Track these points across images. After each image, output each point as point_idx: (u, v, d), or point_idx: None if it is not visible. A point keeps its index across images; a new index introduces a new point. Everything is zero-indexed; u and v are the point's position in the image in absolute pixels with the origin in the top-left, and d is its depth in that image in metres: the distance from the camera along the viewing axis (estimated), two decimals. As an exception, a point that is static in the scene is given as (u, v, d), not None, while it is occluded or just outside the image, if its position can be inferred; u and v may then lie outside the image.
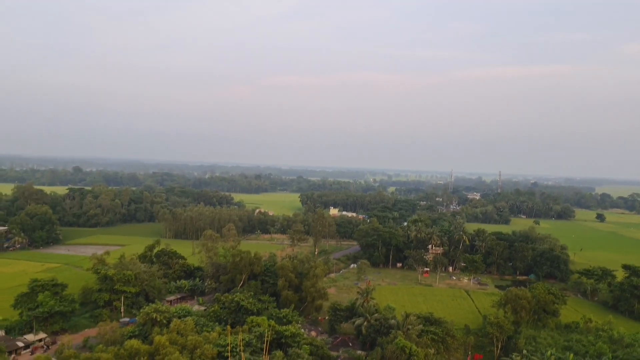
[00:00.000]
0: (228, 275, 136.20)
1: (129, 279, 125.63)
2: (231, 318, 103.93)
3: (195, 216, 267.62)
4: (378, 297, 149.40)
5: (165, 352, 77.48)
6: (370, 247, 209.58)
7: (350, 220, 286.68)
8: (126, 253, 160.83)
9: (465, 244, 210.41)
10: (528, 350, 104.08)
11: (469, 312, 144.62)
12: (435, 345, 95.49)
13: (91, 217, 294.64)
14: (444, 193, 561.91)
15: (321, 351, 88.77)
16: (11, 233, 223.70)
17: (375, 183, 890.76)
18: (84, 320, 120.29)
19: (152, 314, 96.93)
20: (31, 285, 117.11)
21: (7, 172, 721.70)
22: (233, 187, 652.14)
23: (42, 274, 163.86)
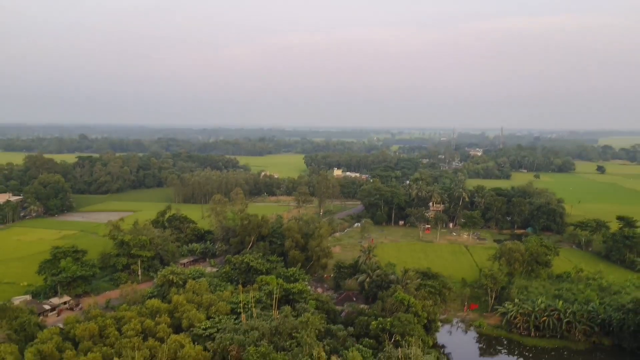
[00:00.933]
0: (237, 238, 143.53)
1: (144, 243, 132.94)
2: (242, 278, 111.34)
3: (203, 181, 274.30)
4: (381, 254, 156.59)
5: (183, 309, 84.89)
6: (373, 206, 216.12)
7: (354, 180, 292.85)
8: (139, 219, 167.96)
9: (465, 200, 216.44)
10: (520, 299, 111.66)
11: (467, 266, 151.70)
12: (433, 297, 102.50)
13: (102, 184, 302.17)
14: (446, 150, 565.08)
15: (326, 306, 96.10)
16: (26, 202, 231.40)
17: (379, 142, 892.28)
18: (104, 283, 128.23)
19: (169, 276, 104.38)
20: (53, 252, 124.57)
21: (14, 141, 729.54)
22: (238, 150, 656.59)
23: (60, 241, 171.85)
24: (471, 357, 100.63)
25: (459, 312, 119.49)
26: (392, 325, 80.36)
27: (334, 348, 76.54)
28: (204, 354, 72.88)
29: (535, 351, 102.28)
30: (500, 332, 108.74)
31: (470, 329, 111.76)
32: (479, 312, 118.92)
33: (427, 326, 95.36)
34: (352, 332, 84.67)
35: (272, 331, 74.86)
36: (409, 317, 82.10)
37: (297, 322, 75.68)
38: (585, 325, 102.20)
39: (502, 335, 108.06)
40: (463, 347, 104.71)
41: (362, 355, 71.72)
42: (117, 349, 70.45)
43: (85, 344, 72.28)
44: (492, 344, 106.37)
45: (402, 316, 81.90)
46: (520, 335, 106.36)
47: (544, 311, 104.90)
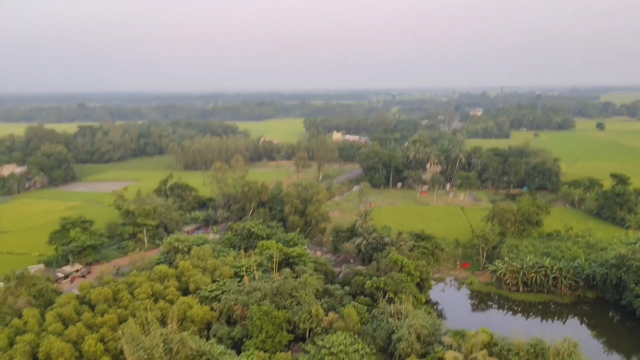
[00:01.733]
0: (238, 205, 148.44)
1: (148, 212, 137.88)
2: (244, 243, 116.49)
3: (203, 148, 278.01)
4: (378, 217, 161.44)
5: (189, 274, 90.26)
6: (371, 169, 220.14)
7: (353, 144, 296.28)
8: (142, 188, 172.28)
9: (462, 161, 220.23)
10: (510, 257, 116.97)
11: (462, 227, 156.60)
12: (425, 257, 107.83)
13: (104, 154, 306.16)
14: (446, 111, 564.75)
15: (324, 267, 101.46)
16: (31, 173, 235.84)
17: (379, 104, 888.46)
18: (112, 251, 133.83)
19: (175, 243, 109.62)
20: (62, 223, 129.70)
21: (13, 112, 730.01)
22: (237, 115, 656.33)
23: (66, 211, 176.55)
24: (463, 312, 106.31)
25: (452, 271, 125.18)
26: (386, 283, 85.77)
27: (331, 305, 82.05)
28: (211, 314, 78.52)
29: (523, 305, 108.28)
30: (490, 289, 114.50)
31: (462, 287, 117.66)
32: (471, 270, 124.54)
33: (420, 284, 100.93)
34: (348, 291, 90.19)
35: (274, 291, 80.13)
36: (401, 276, 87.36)
37: (297, 283, 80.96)
38: (570, 281, 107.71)
39: (492, 291, 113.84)
40: (455, 303, 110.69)
41: (357, 310, 77.18)
42: (131, 311, 76.01)
43: (101, 306, 77.83)
44: (483, 299, 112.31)
45: (394, 275, 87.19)
46: (509, 291, 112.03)
47: (532, 268, 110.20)
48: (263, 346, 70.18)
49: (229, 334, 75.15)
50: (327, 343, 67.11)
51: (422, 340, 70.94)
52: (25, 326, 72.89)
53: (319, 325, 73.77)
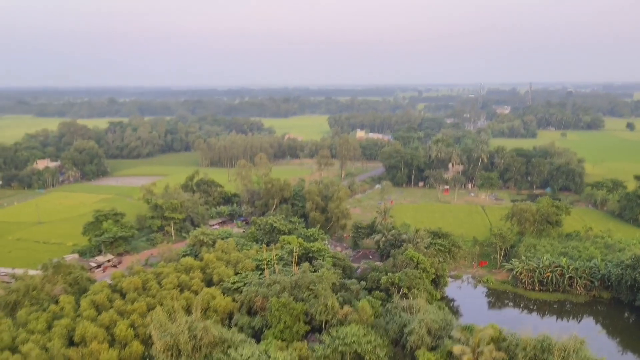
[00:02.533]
0: (262, 201, 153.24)
1: (175, 207, 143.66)
2: (266, 238, 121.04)
3: (229, 145, 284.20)
4: (399, 215, 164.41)
5: (213, 266, 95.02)
6: (393, 168, 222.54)
7: (376, 142, 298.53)
8: (169, 183, 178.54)
9: (484, 161, 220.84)
10: (527, 256, 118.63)
11: (482, 226, 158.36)
12: (442, 254, 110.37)
13: (133, 149, 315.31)
14: (471, 109, 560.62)
15: (342, 262, 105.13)
16: (64, 168, 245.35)
17: (405, 100, 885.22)
18: (142, 243, 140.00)
19: (200, 237, 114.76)
20: (95, 215, 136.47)
21: (47, 107, 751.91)
22: (262, 111, 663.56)
23: (98, 204, 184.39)
24: (478, 309, 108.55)
25: (469, 269, 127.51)
26: (400, 279, 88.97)
27: (347, 299, 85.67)
28: (233, 304, 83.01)
29: (538, 303, 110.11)
30: (506, 287, 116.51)
31: (478, 285, 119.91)
32: (488, 268, 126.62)
33: (435, 281, 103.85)
34: (364, 286, 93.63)
35: (292, 285, 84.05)
36: (415, 272, 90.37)
37: (314, 277, 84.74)
38: (586, 280, 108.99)
39: (508, 289, 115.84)
40: (471, 300, 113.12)
41: (372, 305, 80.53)
42: (159, 299, 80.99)
43: (131, 295, 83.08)
44: (498, 297, 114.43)
45: (409, 272, 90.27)
46: (525, 290, 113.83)
47: (548, 267, 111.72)
48: (281, 336, 74.17)
49: (250, 323, 79.44)
50: (342, 334, 70.76)
51: (433, 334, 73.87)
52: (61, 311, 78.52)
53: (334, 317, 77.43)
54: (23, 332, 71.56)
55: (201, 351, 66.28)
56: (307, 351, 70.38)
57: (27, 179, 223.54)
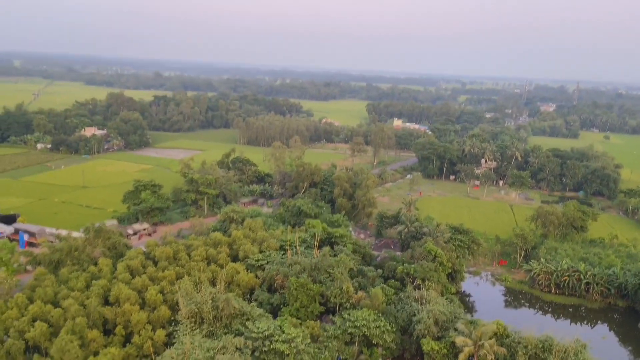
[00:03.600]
0: (292, 183, 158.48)
1: (210, 182, 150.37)
2: (293, 220, 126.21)
3: (266, 125, 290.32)
4: (426, 207, 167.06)
5: (240, 242, 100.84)
6: (425, 159, 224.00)
7: (412, 132, 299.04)
8: (206, 159, 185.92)
9: (518, 159, 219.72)
10: (546, 258, 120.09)
11: (507, 224, 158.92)
12: (461, 250, 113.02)
13: (174, 123, 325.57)
14: (514, 104, 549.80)
15: (363, 250, 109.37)
16: (110, 136, 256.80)
17: (447, 92, 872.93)
18: (176, 214, 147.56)
19: (231, 213, 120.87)
20: (135, 185, 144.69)
21: (96, 76, 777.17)
22: (303, 94, 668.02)
23: (139, 174, 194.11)
24: (493, 306, 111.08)
25: (489, 266, 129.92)
26: (415, 270, 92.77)
27: (363, 285, 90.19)
28: (254, 280, 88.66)
29: (554, 306, 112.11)
30: (522, 287, 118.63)
31: (496, 282, 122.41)
32: (507, 267, 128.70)
33: (452, 275, 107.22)
34: (381, 274, 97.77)
35: (312, 267, 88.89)
36: (430, 265, 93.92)
37: (333, 261, 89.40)
38: (602, 287, 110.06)
39: (524, 289, 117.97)
40: (486, 296, 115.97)
41: (385, 292, 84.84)
42: (187, 270, 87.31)
43: (163, 263, 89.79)
44: (514, 296, 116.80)
45: (424, 264, 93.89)
46: (541, 291, 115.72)
47: (565, 271, 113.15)
48: (297, 314, 79.30)
49: (269, 300, 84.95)
50: (353, 317, 75.51)
51: (440, 325, 77.66)
52: (99, 273, 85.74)
53: (348, 301, 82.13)
54: (64, 289, 78.98)
55: (222, 321, 72.02)
56: (319, 330, 75.49)
57: (74, 144, 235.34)
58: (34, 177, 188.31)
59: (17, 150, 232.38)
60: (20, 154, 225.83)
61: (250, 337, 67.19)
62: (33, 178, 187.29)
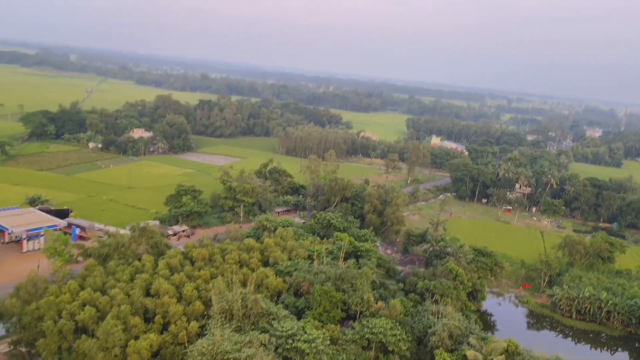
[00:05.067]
0: (325, 196, 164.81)
1: (247, 191, 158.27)
2: (322, 231, 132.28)
3: (305, 136, 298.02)
4: (455, 228, 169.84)
5: (271, 250, 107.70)
6: (459, 180, 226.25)
7: (448, 151, 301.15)
8: (245, 167, 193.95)
9: (553, 187, 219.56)
10: (569, 286, 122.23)
11: (535, 251, 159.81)
12: (483, 271, 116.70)
13: (217, 129, 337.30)
14: (558, 127, 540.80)
15: (387, 264, 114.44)
16: (155, 139, 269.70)
17: (491, 109, 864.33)
18: (213, 219, 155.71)
19: (264, 222, 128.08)
20: (177, 189, 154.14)
21: (146, 75, 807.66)
22: (344, 103, 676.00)
23: (180, 177, 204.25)
24: (513, 326, 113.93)
25: (512, 289, 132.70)
26: (435, 286, 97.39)
27: (384, 296, 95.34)
28: (282, 285, 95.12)
29: (574, 331, 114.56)
30: (544, 311, 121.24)
31: (519, 304, 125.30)
32: (531, 291, 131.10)
33: (473, 294, 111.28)
34: (402, 288, 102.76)
35: (336, 276, 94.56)
36: (450, 282, 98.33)
37: (356, 272, 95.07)
38: (623, 316, 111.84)
39: (545, 313, 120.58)
40: (508, 317, 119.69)
41: (404, 304, 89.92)
42: (221, 271, 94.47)
43: (199, 263, 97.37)
44: (534, 318, 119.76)
45: (443, 281, 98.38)
46: (561, 316, 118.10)
47: (587, 298, 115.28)
48: (319, 317, 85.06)
49: (294, 303, 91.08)
50: (371, 324, 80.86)
51: (455, 338, 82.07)
52: (142, 267, 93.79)
53: (368, 309, 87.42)
54: (111, 280, 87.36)
55: (250, 319, 78.63)
56: (339, 334, 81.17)
57: (123, 145, 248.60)
58: (85, 175, 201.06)
59: (71, 148, 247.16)
60: (73, 152, 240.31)
61: (275, 334, 73.21)
62: (84, 175, 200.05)
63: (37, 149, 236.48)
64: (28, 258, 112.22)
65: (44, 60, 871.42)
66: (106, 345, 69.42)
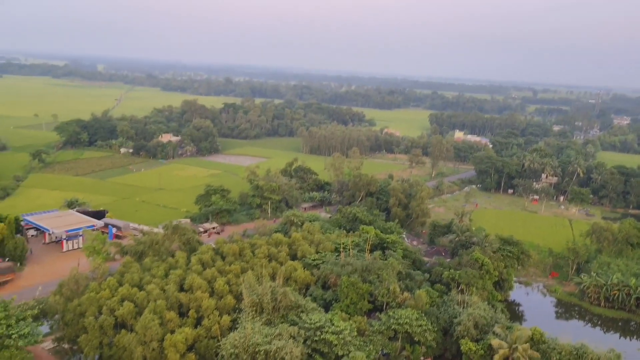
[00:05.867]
0: (350, 192, 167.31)
1: (274, 189, 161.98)
2: (348, 225, 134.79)
3: (328, 135, 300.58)
4: (481, 219, 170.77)
5: (298, 244, 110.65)
6: (484, 172, 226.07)
7: (472, 145, 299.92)
8: (271, 167, 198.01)
9: (580, 175, 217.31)
10: (598, 273, 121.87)
11: (563, 239, 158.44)
12: (509, 260, 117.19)
13: (242, 131, 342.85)
14: (584, 117, 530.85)
15: (413, 255, 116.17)
16: (183, 143, 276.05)
17: (516, 101, 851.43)
18: (242, 216, 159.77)
19: (291, 217, 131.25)
20: (206, 189, 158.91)
21: (171, 82, 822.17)
22: (367, 102, 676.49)
23: (208, 178, 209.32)
24: (541, 315, 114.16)
25: (540, 278, 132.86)
26: (460, 276, 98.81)
27: (410, 287, 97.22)
28: (310, 278, 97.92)
29: (603, 319, 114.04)
30: (572, 299, 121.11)
31: (546, 294, 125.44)
32: (559, 280, 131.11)
33: (499, 284, 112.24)
34: (428, 278, 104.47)
35: (363, 268, 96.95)
36: (475, 272, 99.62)
37: (382, 264, 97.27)
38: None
39: (573, 301, 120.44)
40: (536, 306, 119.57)
41: (430, 295, 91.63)
42: (251, 265, 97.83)
43: (230, 258, 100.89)
44: (562, 307, 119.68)
45: (468, 271, 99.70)
46: (590, 304, 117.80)
47: (615, 285, 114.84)
48: (347, 309, 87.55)
49: (322, 296, 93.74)
50: (397, 315, 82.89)
51: (480, 328, 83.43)
52: (176, 264, 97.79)
53: (394, 300, 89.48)
54: (147, 276, 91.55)
55: (279, 312, 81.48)
56: (366, 325, 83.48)
57: (152, 149, 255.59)
58: (118, 179, 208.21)
59: (103, 154, 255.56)
60: (106, 157, 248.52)
61: (304, 327, 75.91)
62: (117, 179, 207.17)
63: (71, 155, 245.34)
64: (68, 257, 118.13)
65: (73, 71, 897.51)
66: (144, 339, 72.95)
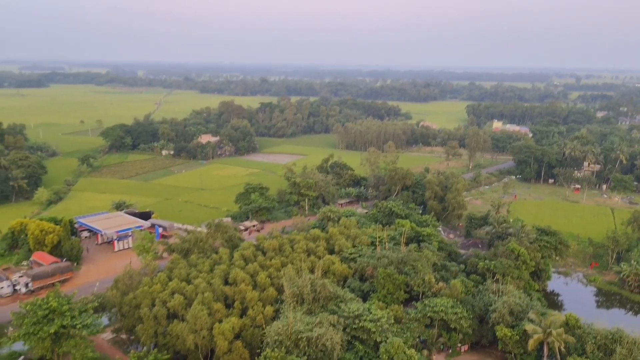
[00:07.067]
0: (386, 186, 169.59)
1: (311, 185, 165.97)
2: (384, 219, 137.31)
3: (364, 130, 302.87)
4: (521, 209, 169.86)
5: (336, 238, 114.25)
6: (523, 162, 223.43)
7: (511, 135, 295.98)
8: (307, 164, 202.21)
9: (623, 162, 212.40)
10: (638, 261, 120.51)
11: (604, 228, 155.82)
12: (547, 250, 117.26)
13: (279, 129, 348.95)
14: (630, 102, 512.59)
15: (448, 247, 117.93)
16: (222, 143, 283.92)
17: (558, 88, 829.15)
18: (280, 213, 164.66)
19: (328, 213, 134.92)
20: (246, 188, 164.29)
21: (208, 84, 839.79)
22: (402, 95, 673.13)
23: (247, 177, 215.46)
24: (580, 304, 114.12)
25: (579, 268, 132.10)
26: (495, 266, 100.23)
27: (445, 278, 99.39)
28: (347, 270, 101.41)
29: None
30: (612, 288, 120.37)
31: (586, 284, 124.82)
32: (599, 269, 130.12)
33: (537, 274, 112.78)
34: (464, 269, 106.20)
35: (399, 260, 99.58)
36: (510, 262, 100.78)
37: (417, 255, 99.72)
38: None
39: (613, 290, 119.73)
40: (575, 296, 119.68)
41: (465, 284, 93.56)
42: (290, 259, 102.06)
43: (270, 253, 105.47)
44: (602, 296, 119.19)
45: (503, 261, 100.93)
46: (630, 292, 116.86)
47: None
48: (384, 299, 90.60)
49: (360, 287, 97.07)
50: (432, 303, 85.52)
51: (515, 315, 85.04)
52: (220, 259, 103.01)
53: (429, 290, 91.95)
54: (194, 271, 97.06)
55: (319, 302, 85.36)
56: (402, 313, 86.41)
57: (192, 150, 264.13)
58: (160, 180, 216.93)
59: (146, 157, 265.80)
60: (148, 160, 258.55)
61: (343, 315, 79.58)
62: (160, 181, 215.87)
63: (117, 159, 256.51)
64: (119, 256, 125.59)
65: (115, 78, 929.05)
66: (195, 328, 78.29)
